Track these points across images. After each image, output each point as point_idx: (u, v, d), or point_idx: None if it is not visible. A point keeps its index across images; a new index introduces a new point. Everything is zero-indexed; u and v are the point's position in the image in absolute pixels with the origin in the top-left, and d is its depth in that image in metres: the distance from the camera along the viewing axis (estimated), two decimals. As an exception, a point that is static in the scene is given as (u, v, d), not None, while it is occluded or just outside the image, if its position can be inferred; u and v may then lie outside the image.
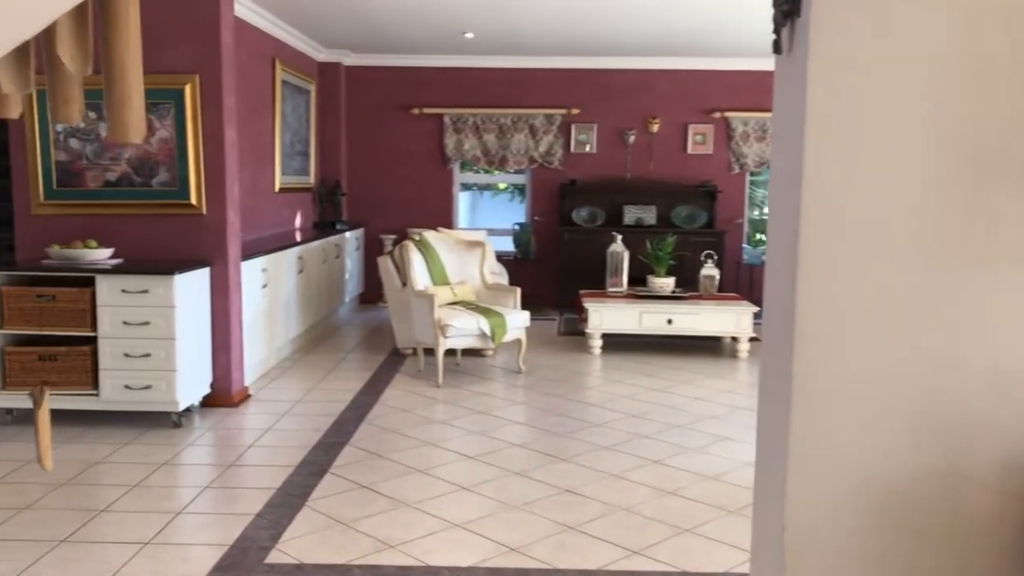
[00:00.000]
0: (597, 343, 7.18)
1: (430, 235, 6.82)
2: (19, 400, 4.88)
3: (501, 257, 9.04)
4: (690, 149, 9.50)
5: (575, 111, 9.43)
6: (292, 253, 6.79)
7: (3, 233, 5.85)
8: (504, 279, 8.06)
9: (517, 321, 6.29)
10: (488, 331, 6.05)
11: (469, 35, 8.07)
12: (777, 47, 1.87)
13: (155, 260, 5.22)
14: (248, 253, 5.88)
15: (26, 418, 4.99)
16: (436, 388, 5.96)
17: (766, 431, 2.06)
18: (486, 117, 9.41)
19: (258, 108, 7.33)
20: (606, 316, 7.12)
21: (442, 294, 6.33)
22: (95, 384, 4.88)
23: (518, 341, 6.42)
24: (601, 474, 4.30)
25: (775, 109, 1.97)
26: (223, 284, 5.37)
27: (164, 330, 4.85)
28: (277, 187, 7.80)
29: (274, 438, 4.83)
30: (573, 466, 4.42)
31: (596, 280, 7.98)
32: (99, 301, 4.82)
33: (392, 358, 6.90)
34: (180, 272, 4.88)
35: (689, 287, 7.79)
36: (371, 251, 9.21)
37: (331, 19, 7.53)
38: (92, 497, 3.88)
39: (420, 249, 6.54)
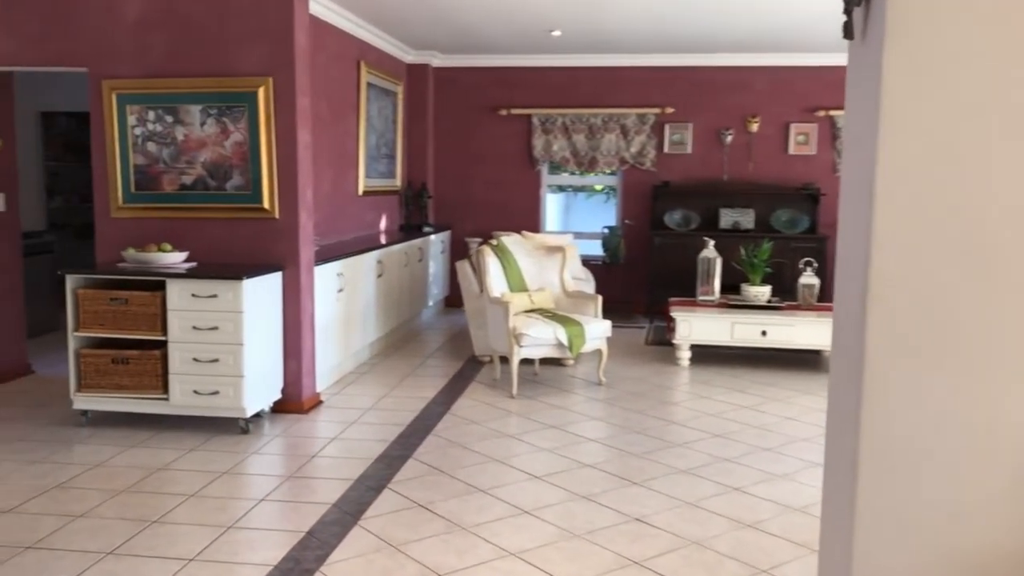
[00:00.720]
0: (685, 355, 6.83)
1: (508, 240, 6.61)
2: (94, 402, 4.92)
3: (589, 262, 8.77)
4: (792, 150, 8.99)
5: (669, 110, 9.06)
6: (371, 257, 6.70)
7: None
8: (590, 285, 7.79)
9: (597, 331, 6.00)
10: (565, 341, 5.79)
11: (556, 33, 7.83)
12: (848, 31, 1.56)
13: (228, 264, 5.20)
14: (325, 257, 5.81)
15: (101, 420, 5.04)
16: (510, 399, 5.74)
17: (831, 487, 1.75)
18: (575, 117, 9.15)
19: (342, 111, 7.29)
20: (695, 326, 6.75)
21: (519, 301, 6.11)
22: (165, 388, 4.87)
23: (599, 351, 6.13)
24: (675, 501, 3.99)
25: (847, 105, 1.65)
26: (295, 289, 5.29)
27: (232, 335, 4.80)
28: (361, 190, 7.75)
29: (338, 448, 4.72)
30: (645, 491, 4.12)
31: (688, 287, 7.62)
32: (169, 305, 4.80)
33: (469, 365, 6.73)
34: (249, 277, 4.82)
35: (787, 296, 7.33)
36: (457, 254, 9.09)
37: (417, 20, 7.42)
38: (147, 507, 3.83)
39: (497, 254, 6.34)
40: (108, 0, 5.22)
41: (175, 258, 5.06)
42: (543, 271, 6.59)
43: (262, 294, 5.01)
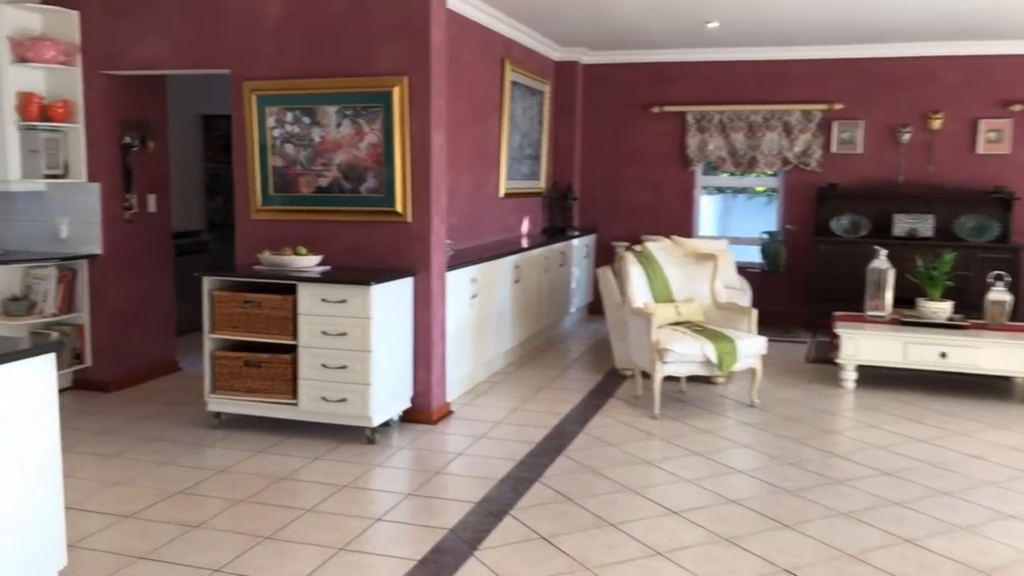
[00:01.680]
0: (850, 376, 6.16)
1: (654, 246, 6.17)
2: (227, 404, 4.91)
3: (746, 269, 8.18)
4: (980, 148, 8.05)
5: (838, 106, 8.33)
6: (507, 262, 6.44)
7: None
8: (746, 295, 7.21)
9: (750, 348, 5.48)
10: (714, 358, 5.30)
11: (713, 24, 7.31)
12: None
13: (360, 268, 5.07)
14: (459, 262, 5.60)
15: (233, 423, 5.03)
16: (651, 419, 5.32)
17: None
18: (733, 115, 8.57)
19: (484, 110, 7.08)
20: (863, 344, 6.08)
21: (663, 313, 5.67)
22: (295, 393, 4.79)
23: (752, 370, 5.61)
24: (833, 552, 3.47)
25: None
26: (426, 295, 5.10)
27: (360, 342, 4.65)
28: (502, 192, 7.53)
29: (463, 465, 4.47)
30: (798, 536, 3.62)
31: (856, 300, 6.91)
32: (299, 309, 4.72)
33: (609, 379, 6.35)
34: (378, 282, 4.65)
35: (972, 314, 6.50)
36: (602, 259, 8.71)
37: (566, 14, 7.12)
38: (263, 520, 3.70)
39: (640, 261, 5.92)
40: (249, 2, 5.22)
41: (308, 261, 4.98)
42: (692, 280, 6.11)
43: (392, 300, 4.85)
